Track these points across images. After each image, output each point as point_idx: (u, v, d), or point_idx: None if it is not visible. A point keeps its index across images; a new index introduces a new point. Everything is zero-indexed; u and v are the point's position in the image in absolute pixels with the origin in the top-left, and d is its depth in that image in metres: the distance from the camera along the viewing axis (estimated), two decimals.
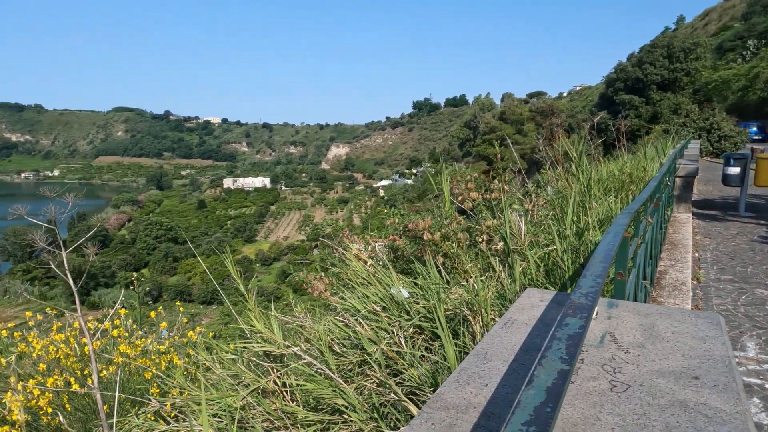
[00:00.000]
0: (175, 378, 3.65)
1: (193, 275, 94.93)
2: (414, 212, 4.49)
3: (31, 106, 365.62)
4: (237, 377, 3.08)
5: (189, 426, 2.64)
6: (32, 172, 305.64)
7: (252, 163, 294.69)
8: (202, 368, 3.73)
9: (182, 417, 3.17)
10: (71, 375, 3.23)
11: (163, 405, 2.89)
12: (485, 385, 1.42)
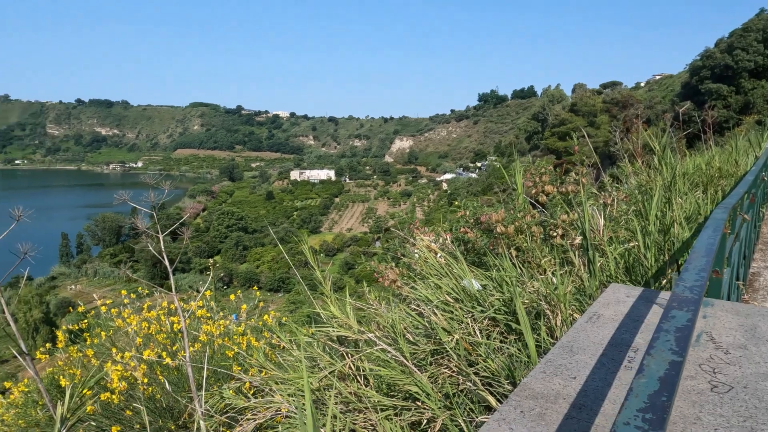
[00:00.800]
0: (254, 357, 3.85)
1: (261, 263, 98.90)
2: (486, 205, 4.44)
3: (119, 102, 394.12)
4: (313, 360, 3.20)
5: (272, 401, 2.78)
6: (119, 163, 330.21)
7: (318, 156, 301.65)
8: (279, 349, 3.91)
9: (260, 394, 3.34)
10: (163, 350, 3.50)
11: (248, 382, 3.05)
12: (573, 377, 1.40)
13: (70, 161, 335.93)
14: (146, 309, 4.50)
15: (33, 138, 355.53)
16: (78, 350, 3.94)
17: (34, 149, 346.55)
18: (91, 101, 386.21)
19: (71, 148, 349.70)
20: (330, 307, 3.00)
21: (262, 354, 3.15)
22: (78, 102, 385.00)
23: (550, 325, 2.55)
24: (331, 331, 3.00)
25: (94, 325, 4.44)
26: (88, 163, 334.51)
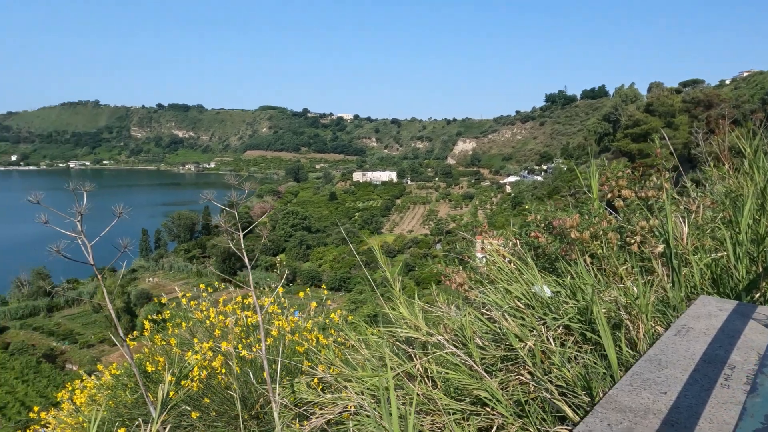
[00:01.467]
0: (323, 354, 3.96)
1: (324, 262, 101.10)
2: (559, 209, 4.30)
3: (195, 106, 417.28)
4: (381, 359, 3.24)
5: (341, 398, 2.84)
6: (194, 164, 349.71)
7: (380, 158, 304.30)
8: (347, 347, 4.00)
9: (328, 390, 3.43)
10: (238, 342, 3.69)
11: (317, 378, 3.14)
12: (663, 392, 1.34)
13: (150, 162, 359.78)
14: (222, 303, 4.73)
15: (119, 140, 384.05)
16: (162, 339, 4.22)
17: (120, 150, 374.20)
18: (170, 105, 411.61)
19: (152, 149, 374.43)
20: (399, 308, 3.03)
21: (331, 351, 3.23)
22: (158, 106, 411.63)
23: (630, 337, 2.43)
24: (399, 331, 3.03)
25: (175, 316, 4.74)
26: (167, 163, 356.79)
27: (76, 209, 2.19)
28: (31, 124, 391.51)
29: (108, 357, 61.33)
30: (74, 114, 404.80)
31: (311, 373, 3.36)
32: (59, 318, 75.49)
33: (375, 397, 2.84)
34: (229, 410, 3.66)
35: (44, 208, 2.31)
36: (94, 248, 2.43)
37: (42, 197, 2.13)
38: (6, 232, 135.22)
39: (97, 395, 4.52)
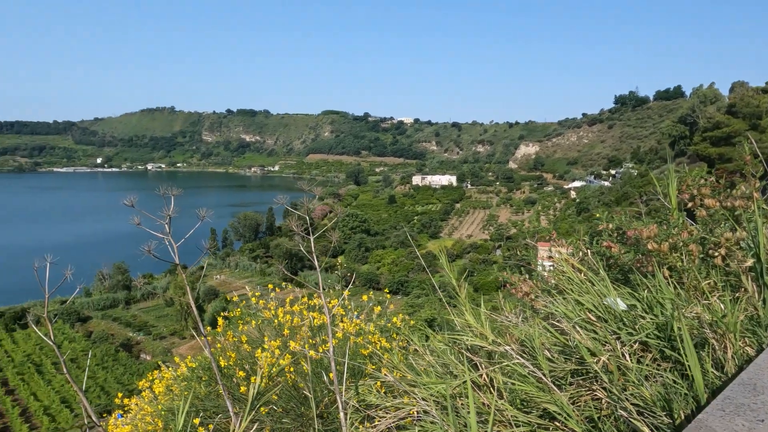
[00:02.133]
0: (386, 357, 4.00)
1: (382, 265, 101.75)
2: (634, 218, 4.11)
3: (261, 111, 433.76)
4: (445, 366, 3.23)
5: (404, 403, 2.86)
6: (259, 167, 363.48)
7: (440, 162, 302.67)
8: (410, 352, 4.01)
9: (390, 394, 3.45)
10: (305, 342, 3.80)
11: (379, 381, 3.18)
12: (761, 420, 1.25)
13: (219, 165, 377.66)
14: (288, 303, 4.89)
15: (191, 144, 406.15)
16: (234, 335, 4.42)
17: (192, 154, 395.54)
18: (239, 111, 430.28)
19: (221, 153, 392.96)
20: (466, 315, 3.01)
21: (396, 355, 3.26)
22: (228, 112, 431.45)
23: (716, 357, 2.28)
24: (464, 339, 3.01)
25: (244, 314, 4.94)
26: (234, 166, 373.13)
27: (164, 212, 2.35)
28: (114, 129, 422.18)
29: (178, 349, 64.87)
30: (152, 120, 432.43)
31: (375, 376, 3.41)
32: (135, 310, 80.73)
33: (440, 404, 2.83)
34: (295, 408, 3.77)
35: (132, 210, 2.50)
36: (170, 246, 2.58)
37: (136, 200, 2.30)
38: (92, 228, 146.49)
39: (173, 386, 4.80)
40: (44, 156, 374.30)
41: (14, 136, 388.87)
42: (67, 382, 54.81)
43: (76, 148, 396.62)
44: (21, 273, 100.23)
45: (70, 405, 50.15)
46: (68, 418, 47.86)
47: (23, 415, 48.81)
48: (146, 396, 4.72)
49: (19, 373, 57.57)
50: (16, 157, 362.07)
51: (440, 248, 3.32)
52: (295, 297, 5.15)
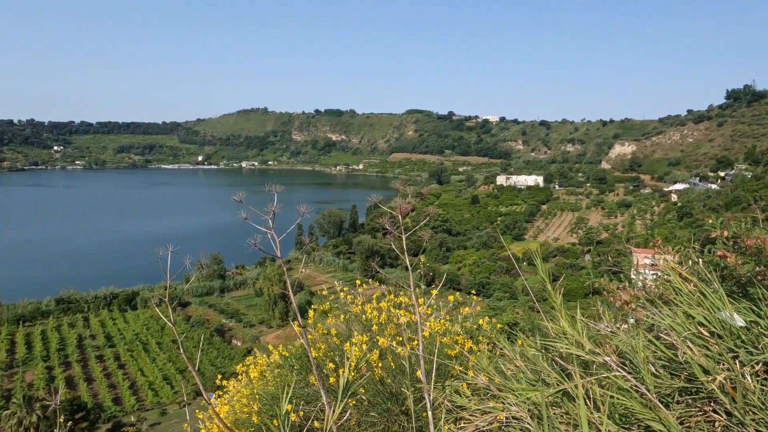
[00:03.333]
0: (472, 359, 3.95)
1: (463, 266, 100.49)
2: (757, 225, 3.73)
3: (347, 111, 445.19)
4: (536, 373, 3.13)
5: (502, 407, 2.81)
6: (344, 165, 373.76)
7: (526, 161, 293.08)
8: (496, 355, 3.94)
9: (476, 397, 3.40)
10: (392, 339, 3.86)
11: (470, 383, 3.15)
12: None
13: (307, 163, 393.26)
14: (375, 299, 4.97)
15: (282, 143, 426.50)
16: (323, 328, 4.59)
17: (282, 152, 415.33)
18: (326, 111, 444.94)
19: (308, 151, 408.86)
20: (561, 322, 2.89)
21: (485, 358, 3.21)
22: (316, 112, 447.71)
23: None
24: (559, 346, 2.89)
25: (333, 307, 5.10)
26: (320, 164, 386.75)
27: (268, 207, 2.49)
28: (213, 129, 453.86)
29: (265, 337, 68.49)
30: (247, 120, 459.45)
31: (462, 377, 3.38)
32: (229, 298, 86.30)
33: (532, 412, 2.75)
34: (381, 402, 3.83)
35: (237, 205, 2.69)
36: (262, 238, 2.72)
37: (244, 196, 2.46)
38: (194, 221, 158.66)
39: (266, 372, 5.08)
40: (154, 154, 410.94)
41: (129, 135, 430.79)
42: (168, 361, 59.92)
43: (180, 146, 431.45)
44: (132, 260, 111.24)
45: (171, 382, 54.75)
46: (169, 394, 52.31)
47: (131, 388, 54.05)
48: (242, 379, 5.04)
49: (129, 349, 63.81)
50: (131, 155, 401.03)
51: (534, 250, 3.22)
52: (381, 293, 5.23)
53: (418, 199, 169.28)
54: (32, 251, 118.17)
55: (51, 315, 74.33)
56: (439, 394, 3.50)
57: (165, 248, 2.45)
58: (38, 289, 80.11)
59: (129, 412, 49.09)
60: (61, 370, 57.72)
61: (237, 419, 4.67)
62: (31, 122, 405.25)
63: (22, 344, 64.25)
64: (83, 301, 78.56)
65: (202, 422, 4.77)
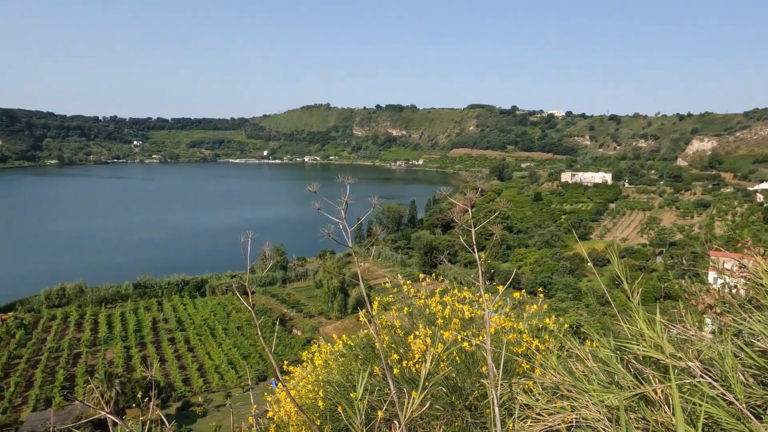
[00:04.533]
0: (538, 358, 3.86)
1: (524, 264, 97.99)
2: None
3: (408, 106, 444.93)
4: (610, 375, 3.01)
5: (569, 407, 2.73)
6: (404, 160, 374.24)
7: (593, 158, 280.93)
8: (564, 355, 3.82)
9: (544, 397, 3.31)
10: (457, 333, 3.84)
11: (537, 381, 3.08)
12: None
13: (367, 158, 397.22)
14: (439, 294, 4.96)
15: (343, 138, 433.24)
16: (388, 320, 4.64)
17: (343, 147, 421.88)
18: (387, 106, 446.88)
19: (369, 147, 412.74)
20: (639, 323, 2.76)
21: (554, 357, 3.12)
22: (377, 107, 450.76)
23: None
24: (637, 348, 2.77)
25: (395, 300, 5.14)
26: (381, 159, 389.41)
27: (342, 199, 2.54)
28: (278, 125, 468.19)
29: (324, 328, 70.14)
30: (310, 116, 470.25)
31: (529, 375, 3.31)
32: (290, 289, 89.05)
33: (606, 414, 2.65)
34: (445, 396, 3.83)
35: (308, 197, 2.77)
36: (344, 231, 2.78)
37: (318, 188, 2.53)
38: (258, 213, 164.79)
39: (330, 360, 5.20)
40: (222, 148, 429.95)
41: (201, 131, 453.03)
42: (233, 347, 62.75)
43: (247, 141, 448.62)
44: (201, 250, 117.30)
45: (235, 367, 57.31)
46: (233, 378, 54.80)
47: (199, 370, 57.10)
48: (308, 366, 5.20)
49: (197, 334, 67.41)
50: (201, 150, 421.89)
51: (609, 248, 3.08)
52: (444, 288, 5.21)
53: (479, 195, 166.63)
54: (114, 239, 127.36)
55: (129, 298, 79.94)
56: (505, 391, 3.45)
57: (243, 237, 2.56)
58: (118, 274, 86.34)
59: (197, 393, 51.89)
60: (138, 349, 61.91)
61: (302, 404, 4.82)
62: (114, 119, 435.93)
63: (104, 324, 69.52)
64: (157, 286, 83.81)
65: (269, 405, 4.97)
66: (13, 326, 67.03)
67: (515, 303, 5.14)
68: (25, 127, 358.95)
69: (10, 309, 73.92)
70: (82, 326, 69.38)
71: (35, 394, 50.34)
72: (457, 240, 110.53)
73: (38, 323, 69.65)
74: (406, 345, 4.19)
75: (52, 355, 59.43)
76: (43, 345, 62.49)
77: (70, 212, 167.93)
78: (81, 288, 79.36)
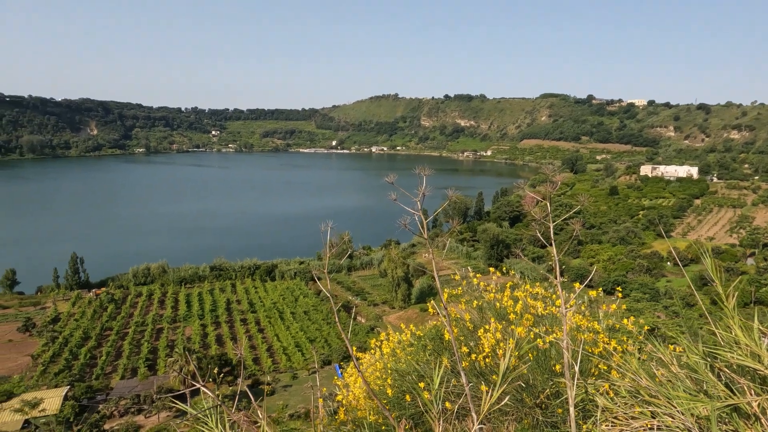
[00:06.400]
0: (615, 360, 3.70)
1: (596, 261, 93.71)
2: None
3: (477, 96, 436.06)
4: (698, 383, 2.83)
5: (647, 412, 2.61)
6: (471, 151, 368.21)
7: (677, 150, 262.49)
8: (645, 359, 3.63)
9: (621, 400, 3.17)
10: (529, 330, 3.76)
11: (612, 384, 2.96)
12: None
13: (434, 148, 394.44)
14: (509, 287, 4.86)
15: (410, 129, 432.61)
16: (456, 313, 4.62)
17: (410, 138, 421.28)
18: (456, 96, 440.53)
19: (436, 137, 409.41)
20: (735, 330, 2.57)
21: (635, 360, 2.98)
22: (445, 97, 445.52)
23: None
24: (731, 357, 2.58)
25: (463, 294, 5.10)
26: (448, 150, 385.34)
27: (419, 190, 2.55)
28: (347, 115, 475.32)
29: (388, 317, 70.92)
30: (378, 106, 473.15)
31: (608, 377, 3.18)
32: (355, 277, 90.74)
33: (692, 424, 2.50)
34: (515, 392, 3.77)
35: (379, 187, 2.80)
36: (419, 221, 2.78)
37: (395, 179, 2.55)
38: (327, 202, 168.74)
39: (397, 349, 5.27)
40: (294, 138, 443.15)
41: (273, 121, 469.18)
42: (300, 330, 65.03)
43: (317, 132, 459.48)
44: (272, 236, 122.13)
45: (302, 349, 59.40)
46: (299, 360, 56.85)
47: (268, 351, 59.74)
48: (376, 353, 5.29)
49: (267, 316, 70.45)
50: (274, 139, 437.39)
51: (700, 246, 2.90)
52: (514, 283, 5.10)
53: (555, 188, 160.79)
54: (193, 223, 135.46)
55: (206, 279, 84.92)
56: (580, 392, 3.34)
57: (323, 226, 2.64)
58: (197, 256, 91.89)
59: (266, 372, 54.36)
60: (213, 328, 65.74)
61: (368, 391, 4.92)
62: (195, 110, 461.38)
63: (183, 303, 74.36)
64: (231, 269, 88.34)
65: (338, 389, 5.11)
66: (105, 300, 73.34)
67: (591, 301, 4.94)
68: (117, 117, 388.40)
69: (103, 285, 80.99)
70: (164, 303, 74.65)
71: (123, 363, 54.89)
72: (525, 234, 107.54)
73: (126, 299, 75.71)
74: (476, 338, 4.16)
75: (138, 329, 64.49)
76: (131, 319, 67.92)
77: (155, 197, 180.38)
78: (164, 268, 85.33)
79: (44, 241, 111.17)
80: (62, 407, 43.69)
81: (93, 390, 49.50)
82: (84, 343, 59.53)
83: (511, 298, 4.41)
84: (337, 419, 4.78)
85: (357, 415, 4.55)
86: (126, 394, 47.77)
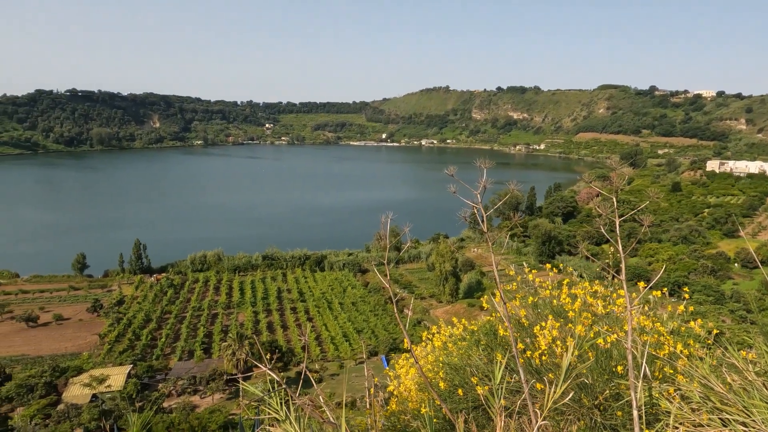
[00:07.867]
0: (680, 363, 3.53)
1: (655, 260, 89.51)
2: None
3: (531, 88, 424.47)
4: None
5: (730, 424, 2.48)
6: (524, 145, 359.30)
7: (749, 144, 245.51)
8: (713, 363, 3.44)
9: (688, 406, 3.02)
10: (590, 328, 3.64)
11: (680, 389, 2.82)
12: None
13: (485, 142, 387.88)
14: (566, 285, 4.73)
15: (461, 121, 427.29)
16: (512, 309, 4.54)
17: (461, 131, 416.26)
18: (509, 88, 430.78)
19: (488, 130, 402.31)
20: None
21: (705, 365, 2.83)
22: (498, 89, 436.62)
23: None
24: None
25: (518, 289, 5.00)
26: (499, 143, 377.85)
27: (480, 182, 2.52)
28: (397, 108, 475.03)
29: (435, 311, 70.73)
30: (429, 99, 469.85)
31: (674, 381, 3.04)
32: (403, 270, 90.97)
33: None
34: (572, 391, 3.67)
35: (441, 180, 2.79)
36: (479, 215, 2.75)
37: (455, 171, 2.53)
38: (376, 194, 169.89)
39: (448, 343, 5.25)
40: (344, 131, 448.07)
41: (325, 114, 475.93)
42: (348, 320, 66.00)
43: (367, 124, 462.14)
44: (321, 227, 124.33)
45: (349, 340, 60.30)
46: (347, 350, 57.76)
47: (317, 340, 61.04)
48: (427, 346, 5.30)
49: (316, 305, 71.93)
50: (325, 132, 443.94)
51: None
52: (571, 280, 4.96)
53: (605, 184, 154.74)
54: (247, 213, 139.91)
55: (258, 268, 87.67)
56: (643, 395, 3.21)
57: (384, 216, 2.66)
58: (250, 245, 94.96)
59: (314, 360, 55.60)
60: (264, 315, 67.84)
61: (420, 383, 4.94)
62: (250, 103, 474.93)
63: (237, 290, 77.14)
64: (282, 259, 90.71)
65: (389, 379, 5.16)
66: (165, 285, 77.24)
67: (654, 302, 4.74)
68: (178, 111, 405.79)
69: (163, 270, 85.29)
70: (219, 290, 77.71)
71: (181, 345, 57.66)
72: (578, 231, 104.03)
73: (184, 284, 79.37)
74: (532, 335, 4.08)
75: (195, 314, 67.52)
76: (188, 304, 71.18)
77: (212, 187, 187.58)
78: (219, 256, 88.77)
79: (111, 227, 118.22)
80: (126, 384, 46.57)
81: (153, 369, 52.38)
82: (146, 324, 63.00)
83: (569, 295, 4.29)
84: (388, 409, 4.82)
85: (409, 406, 4.57)
86: (183, 374, 50.24)
